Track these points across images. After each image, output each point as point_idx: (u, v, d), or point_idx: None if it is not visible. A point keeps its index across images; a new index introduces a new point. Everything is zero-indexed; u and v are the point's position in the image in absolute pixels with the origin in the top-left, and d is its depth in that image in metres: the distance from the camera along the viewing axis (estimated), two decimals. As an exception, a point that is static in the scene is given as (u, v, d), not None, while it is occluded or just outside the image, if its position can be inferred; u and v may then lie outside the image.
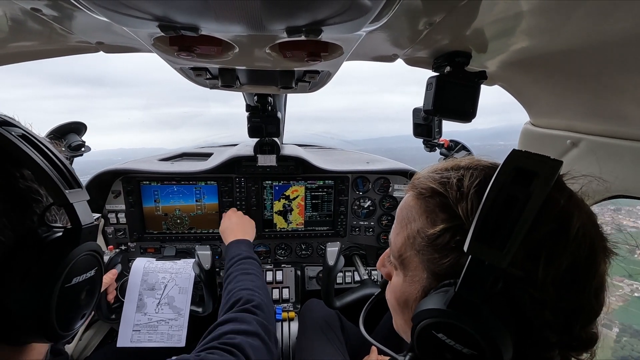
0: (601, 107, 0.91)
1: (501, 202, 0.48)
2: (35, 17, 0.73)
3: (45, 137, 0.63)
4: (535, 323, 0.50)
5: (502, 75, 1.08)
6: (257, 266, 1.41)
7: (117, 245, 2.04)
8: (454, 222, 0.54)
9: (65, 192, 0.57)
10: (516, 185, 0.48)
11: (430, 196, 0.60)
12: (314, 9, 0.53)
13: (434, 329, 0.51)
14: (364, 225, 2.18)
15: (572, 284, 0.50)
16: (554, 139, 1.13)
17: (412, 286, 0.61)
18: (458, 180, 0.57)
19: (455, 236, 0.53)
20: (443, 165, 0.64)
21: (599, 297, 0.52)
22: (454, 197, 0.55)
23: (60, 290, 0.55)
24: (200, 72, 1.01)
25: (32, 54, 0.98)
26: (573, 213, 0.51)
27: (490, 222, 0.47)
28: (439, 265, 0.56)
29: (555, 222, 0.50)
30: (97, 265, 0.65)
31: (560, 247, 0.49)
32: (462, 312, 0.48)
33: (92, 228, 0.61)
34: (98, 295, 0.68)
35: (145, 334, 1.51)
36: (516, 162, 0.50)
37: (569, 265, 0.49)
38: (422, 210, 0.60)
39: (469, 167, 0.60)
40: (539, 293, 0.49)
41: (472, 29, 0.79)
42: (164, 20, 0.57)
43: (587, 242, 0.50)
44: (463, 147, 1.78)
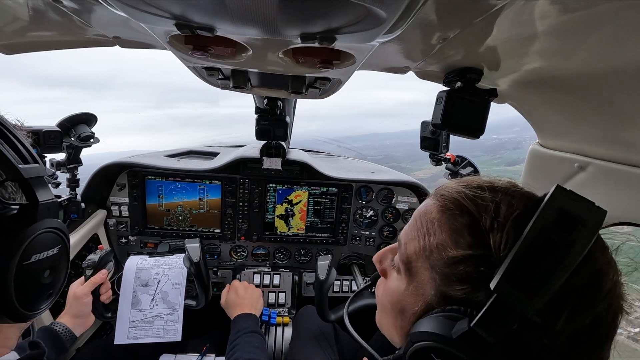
0: (611, 133, 0.90)
1: (539, 246, 0.44)
2: (55, 9, 0.75)
3: (7, 121, 0.61)
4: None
5: (513, 94, 1.08)
6: (262, 341, 1.45)
7: (118, 238, 2.05)
8: (482, 250, 0.51)
9: (19, 167, 0.55)
10: (559, 231, 0.44)
11: (460, 214, 0.55)
12: (329, 17, 0.53)
13: (435, 354, 0.50)
14: (365, 234, 2.17)
15: (589, 341, 0.48)
16: (561, 162, 1.12)
17: (414, 297, 0.59)
18: (495, 206, 0.53)
19: (480, 267, 0.50)
20: (477, 181, 0.59)
21: (607, 356, 0.50)
22: (488, 224, 0.51)
23: (18, 268, 0.54)
24: (212, 72, 1.02)
25: (50, 44, 1.00)
26: (607, 271, 0.49)
27: (525, 264, 0.44)
28: (452, 290, 0.52)
29: (589, 279, 0.47)
30: (61, 244, 0.63)
31: (589, 304, 0.47)
32: (471, 348, 0.47)
33: (50, 204, 0.59)
34: (66, 274, 0.66)
35: (141, 330, 1.51)
36: (560, 202, 0.46)
37: (591, 323, 0.47)
38: (447, 226, 0.56)
39: (506, 192, 0.55)
40: (551, 342, 0.47)
41: (485, 46, 0.79)
42: (181, 19, 0.57)
43: (615, 304, 0.49)
44: (469, 163, 1.77)
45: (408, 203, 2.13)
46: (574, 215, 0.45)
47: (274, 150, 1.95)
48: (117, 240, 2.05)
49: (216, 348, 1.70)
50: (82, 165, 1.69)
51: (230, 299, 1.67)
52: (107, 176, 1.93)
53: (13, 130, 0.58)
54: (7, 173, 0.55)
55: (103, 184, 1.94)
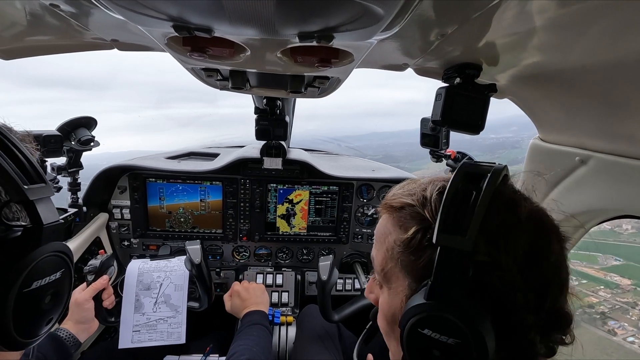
0: (612, 126, 0.90)
1: (459, 198, 0.55)
2: (53, 13, 0.75)
3: (9, 128, 0.59)
4: (509, 305, 0.53)
5: (513, 89, 1.07)
6: (262, 330, 1.44)
7: (120, 241, 2.05)
8: (424, 224, 0.60)
9: (24, 188, 0.52)
10: (470, 184, 0.56)
11: (401, 208, 0.65)
12: (327, 15, 0.53)
13: (419, 327, 0.54)
14: (367, 233, 2.17)
15: (533, 263, 0.55)
16: (562, 155, 1.11)
17: (396, 298, 0.64)
18: (422, 190, 0.65)
19: (426, 235, 0.59)
20: (409, 184, 0.70)
21: (559, 273, 0.57)
22: (421, 204, 0.62)
23: (17, 296, 0.51)
24: (211, 73, 1.02)
25: (48, 48, 1.00)
26: (520, 201, 0.59)
27: (452, 214, 0.54)
28: (417, 267, 0.60)
29: (506, 210, 0.57)
30: (64, 267, 0.60)
31: (514, 231, 0.55)
32: (440, 302, 0.53)
33: (56, 227, 0.56)
34: (68, 297, 0.63)
35: (145, 334, 1.51)
36: (467, 169, 0.59)
37: (526, 247, 0.55)
38: (395, 222, 0.66)
39: (430, 181, 0.67)
40: (506, 275, 0.53)
41: (484, 42, 0.79)
42: (178, 20, 0.57)
43: (538, 224, 0.58)
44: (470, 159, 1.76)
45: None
46: (478, 172, 0.58)
47: (274, 150, 1.95)
48: (120, 243, 2.05)
49: (219, 348, 1.71)
50: (82, 168, 1.70)
51: (235, 304, 1.67)
52: (108, 179, 1.93)
53: (19, 144, 0.56)
54: (12, 195, 0.53)
55: (104, 187, 1.94)
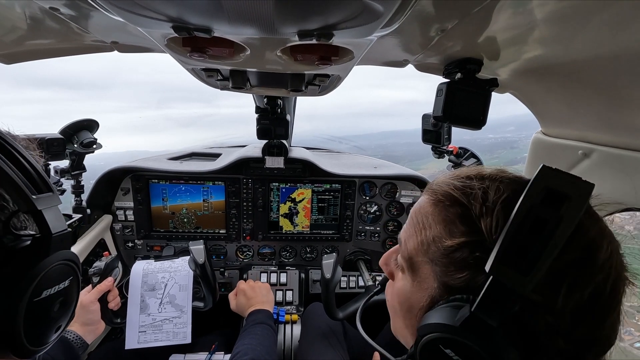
0: (615, 118, 0.89)
1: (529, 224, 0.45)
2: (53, 16, 0.75)
3: (17, 137, 0.59)
4: (546, 349, 0.48)
5: (514, 84, 1.07)
6: (266, 329, 1.45)
7: (124, 243, 2.06)
8: (475, 237, 0.52)
9: (32, 198, 0.52)
10: (546, 208, 0.45)
11: (451, 205, 0.57)
12: (326, 13, 0.53)
13: (442, 344, 0.50)
14: (370, 230, 2.17)
15: (592, 315, 0.48)
16: (565, 149, 1.11)
17: (419, 293, 0.60)
18: (483, 193, 0.54)
19: (475, 252, 0.51)
20: (465, 172, 0.61)
21: (615, 329, 0.50)
22: (478, 211, 0.53)
23: (27, 305, 0.51)
24: (211, 73, 1.02)
25: (49, 51, 1.00)
26: (602, 243, 0.49)
27: (517, 244, 0.45)
28: (453, 279, 0.54)
29: (583, 251, 0.48)
30: (73, 275, 0.60)
31: (586, 277, 0.47)
32: (475, 333, 0.47)
33: (64, 235, 0.56)
34: (76, 304, 0.64)
35: (151, 334, 1.52)
36: (546, 181, 0.47)
37: (591, 296, 0.47)
38: (440, 218, 0.58)
39: (494, 178, 0.57)
40: (555, 320, 0.47)
41: (484, 36, 0.78)
42: (177, 21, 0.57)
43: (613, 274, 0.49)
44: (472, 154, 1.76)
45: (412, 197, 2.13)
46: (559, 191, 0.45)
47: (276, 149, 1.95)
48: (124, 245, 2.06)
49: (225, 346, 1.72)
50: (85, 171, 1.70)
51: (240, 303, 1.68)
52: (111, 181, 1.94)
53: (25, 153, 0.55)
54: (21, 205, 0.52)
55: (107, 189, 1.95)
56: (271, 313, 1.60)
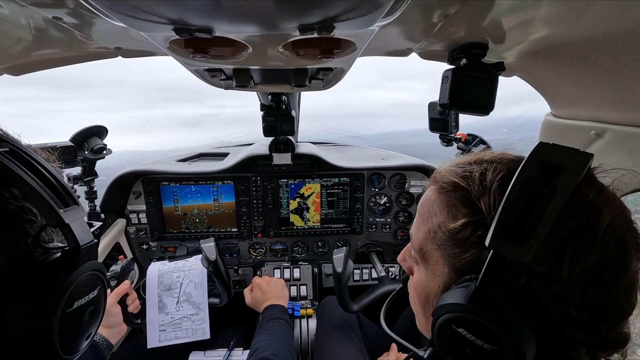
0: (626, 96, 0.87)
1: (525, 197, 0.46)
2: (56, 26, 0.76)
3: (37, 149, 0.59)
4: (559, 321, 0.48)
5: (521, 66, 1.05)
6: (283, 325, 1.47)
7: (139, 245, 2.10)
8: (476, 216, 0.53)
9: (60, 212, 0.53)
10: (541, 179, 0.46)
11: (452, 190, 0.58)
12: (326, 5, 0.52)
13: (455, 324, 0.51)
14: (381, 222, 2.17)
15: (600, 282, 0.47)
16: (577, 130, 1.09)
17: (433, 281, 0.61)
18: (481, 174, 0.55)
19: (477, 231, 0.52)
20: (466, 159, 0.62)
21: (629, 297, 0.49)
22: (476, 192, 0.54)
23: (61, 317, 0.52)
24: (215, 73, 1.02)
25: (55, 61, 1.02)
26: (603, 208, 0.48)
27: (513, 216, 0.46)
28: (460, 260, 0.55)
29: (583, 218, 0.48)
30: (100, 284, 0.62)
31: (588, 244, 0.47)
32: (482, 308, 0.48)
33: (91, 247, 0.58)
34: (103, 312, 0.65)
35: (171, 332, 1.56)
36: (542, 155, 0.48)
37: (597, 263, 0.47)
38: (443, 204, 0.59)
39: (492, 160, 0.58)
40: (563, 290, 0.47)
41: (488, 20, 0.77)
42: (178, 23, 0.58)
43: (618, 239, 0.48)
44: (481, 140, 1.73)
45: (421, 186, 2.11)
46: (555, 163, 0.46)
47: (283, 146, 1.95)
48: (139, 247, 2.10)
49: (244, 341, 1.74)
50: (97, 177, 1.73)
51: (256, 297, 1.70)
52: (122, 186, 1.97)
53: (48, 166, 0.56)
54: (49, 219, 0.53)
55: (119, 193, 1.98)
56: (286, 308, 1.62)
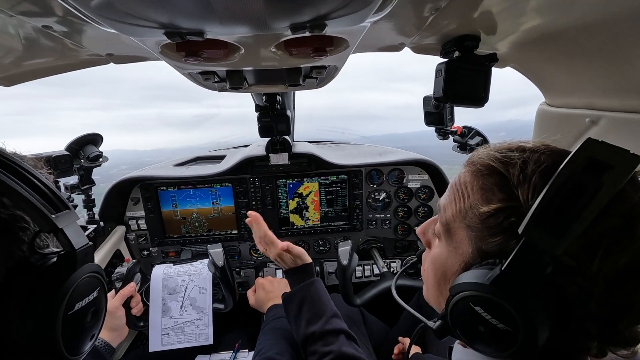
0: (620, 82, 0.87)
1: (567, 189, 0.46)
2: (46, 34, 0.76)
3: (24, 157, 0.60)
4: (578, 312, 0.49)
5: (514, 57, 1.05)
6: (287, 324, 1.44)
7: (140, 251, 2.09)
8: (511, 203, 0.53)
9: (52, 218, 0.53)
10: (587, 175, 0.46)
11: (489, 174, 0.58)
12: (316, 4, 0.52)
13: (473, 302, 0.52)
14: (380, 218, 2.17)
15: (626, 282, 0.48)
16: (571, 119, 1.09)
17: (454, 259, 0.61)
18: (523, 162, 0.54)
19: (510, 217, 0.52)
20: (506, 145, 0.61)
21: None
22: (516, 179, 0.53)
23: (63, 320, 0.53)
24: (208, 76, 1.02)
25: (46, 70, 1.01)
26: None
27: (552, 207, 0.46)
28: (487, 243, 0.55)
29: (623, 219, 0.47)
30: (100, 285, 0.63)
31: (622, 245, 0.47)
32: (504, 291, 0.49)
33: (87, 250, 0.59)
34: (105, 313, 0.66)
35: (174, 337, 1.55)
36: (591, 151, 0.47)
37: (627, 264, 0.47)
38: (478, 186, 0.59)
39: (536, 150, 0.57)
40: (588, 285, 0.47)
41: (479, 11, 0.77)
42: (169, 27, 0.57)
43: None
44: (477, 132, 1.74)
45: (420, 181, 2.12)
46: (602, 161, 0.45)
47: (279, 146, 1.95)
48: (140, 253, 2.10)
49: (249, 343, 1.74)
50: (95, 185, 1.73)
51: (260, 297, 1.69)
52: (120, 192, 1.96)
53: (36, 173, 0.56)
54: (42, 225, 0.54)
55: (118, 200, 1.98)
56: None
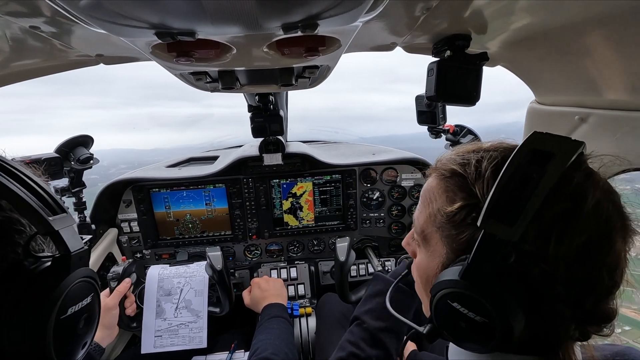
0: (608, 80, 0.89)
1: (515, 181, 0.50)
2: (34, 35, 0.74)
3: (20, 162, 0.60)
4: (547, 297, 0.51)
5: (504, 56, 1.06)
6: (283, 323, 1.47)
7: (133, 254, 2.07)
8: (471, 200, 0.57)
9: (49, 220, 0.53)
10: (532, 166, 0.50)
11: (450, 177, 0.62)
12: (308, 4, 0.52)
13: (450, 299, 0.55)
14: (374, 217, 2.18)
15: (584, 260, 0.51)
16: (561, 116, 1.10)
17: (433, 262, 0.64)
18: (477, 162, 0.59)
19: (471, 213, 0.56)
20: (465, 148, 0.66)
21: (612, 275, 0.52)
22: (472, 178, 0.58)
23: (55, 323, 0.53)
24: (200, 77, 1.01)
25: (35, 71, 1.00)
26: (588, 191, 0.51)
27: (503, 199, 0.50)
28: (457, 241, 0.59)
29: (569, 201, 0.50)
30: (93, 291, 0.62)
31: (573, 225, 0.50)
32: (473, 283, 0.52)
33: (82, 254, 0.58)
34: (98, 320, 0.66)
35: (167, 339, 1.54)
36: (534, 143, 0.51)
37: (582, 243, 0.50)
38: (442, 190, 0.63)
39: (489, 149, 0.61)
40: (550, 268, 0.50)
41: (470, 10, 0.77)
42: (160, 27, 0.57)
43: (602, 220, 0.51)
44: (469, 131, 1.75)
45: (413, 179, 2.13)
46: (545, 151, 0.50)
47: (273, 146, 1.95)
48: (133, 256, 2.07)
49: (245, 344, 1.74)
50: (85, 187, 1.71)
51: (255, 296, 1.69)
52: (112, 195, 1.94)
53: (35, 178, 0.57)
54: (39, 227, 0.54)
55: (109, 203, 1.95)
56: (285, 307, 1.61)
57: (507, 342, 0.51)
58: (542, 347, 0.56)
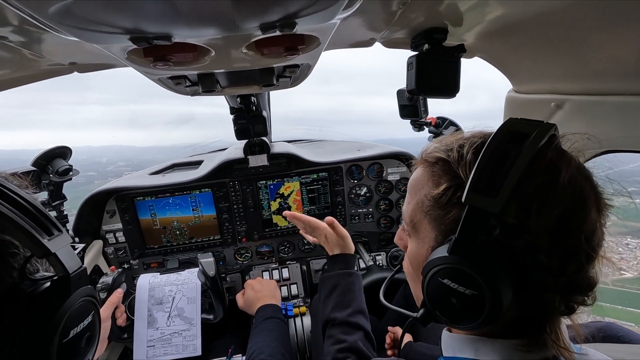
0: (580, 67, 0.92)
1: (495, 158, 0.54)
2: (2, 45, 0.72)
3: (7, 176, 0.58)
4: (531, 266, 0.54)
5: (481, 47, 1.08)
6: (277, 324, 1.46)
7: (120, 265, 2.02)
8: (456, 181, 0.60)
9: (45, 242, 0.51)
10: (509, 144, 0.54)
11: (435, 163, 0.65)
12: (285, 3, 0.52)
13: (440, 276, 0.57)
14: (363, 212, 2.19)
15: (564, 230, 0.54)
16: (538, 104, 1.13)
17: (423, 247, 0.66)
18: (459, 147, 0.63)
19: (457, 193, 0.59)
20: (448, 138, 0.68)
21: (590, 242, 0.55)
22: (455, 161, 0.61)
23: (58, 348, 0.51)
24: (179, 81, 0.99)
25: (4, 83, 0.96)
26: (561, 166, 0.55)
27: (485, 174, 0.53)
28: (444, 222, 0.61)
29: (545, 174, 0.54)
30: (94, 309, 0.61)
31: (550, 196, 0.53)
32: (461, 256, 0.55)
33: (81, 273, 0.57)
34: (99, 336, 0.64)
35: (160, 349, 1.51)
36: (511, 127, 0.56)
37: (560, 213, 0.53)
38: (428, 176, 0.66)
39: (471, 136, 0.65)
40: (533, 239, 0.53)
41: (445, 4, 0.78)
42: (134, 32, 0.55)
43: (577, 192, 0.55)
44: (451, 122, 1.78)
45: (399, 173, 2.15)
46: (520, 132, 0.55)
47: (257, 148, 1.93)
48: (120, 267, 2.03)
49: (241, 348, 1.72)
50: (66, 200, 1.65)
51: (249, 297, 1.68)
52: (94, 206, 1.89)
53: (23, 194, 0.54)
54: (35, 250, 0.52)
55: (92, 214, 1.90)
56: (279, 307, 1.60)
57: (497, 315, 0.53)
58: (531, 326, 0.59)
